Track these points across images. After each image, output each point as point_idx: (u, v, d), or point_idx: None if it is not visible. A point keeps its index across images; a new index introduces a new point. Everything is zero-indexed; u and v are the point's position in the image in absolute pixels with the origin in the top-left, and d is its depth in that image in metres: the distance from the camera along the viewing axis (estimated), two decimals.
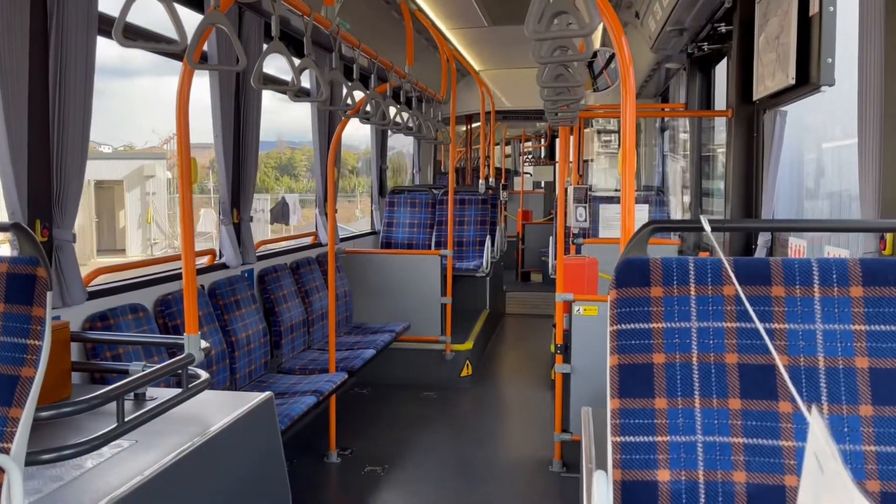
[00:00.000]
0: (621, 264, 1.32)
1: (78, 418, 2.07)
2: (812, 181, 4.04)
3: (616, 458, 1.23)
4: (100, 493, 1.65)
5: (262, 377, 4.08)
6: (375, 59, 4.03)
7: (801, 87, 3.18)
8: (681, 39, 5.27)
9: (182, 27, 1.73)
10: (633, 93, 2.05)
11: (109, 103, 15.67)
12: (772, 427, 1.22)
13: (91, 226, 22.69)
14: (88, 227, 22.75)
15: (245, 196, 4.15)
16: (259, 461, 2.39)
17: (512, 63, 8.62)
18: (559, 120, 3.86)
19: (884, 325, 1.23)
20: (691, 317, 1.28)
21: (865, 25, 2.28)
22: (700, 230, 1.36)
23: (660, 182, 8.34)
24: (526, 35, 1.54)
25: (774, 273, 1.28)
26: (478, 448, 4.46)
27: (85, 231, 22.94)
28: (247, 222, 4.17)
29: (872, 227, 2.13)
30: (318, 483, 3.95)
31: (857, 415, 1.21)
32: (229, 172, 4.00)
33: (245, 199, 4.16)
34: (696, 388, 1.25)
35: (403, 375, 5.75)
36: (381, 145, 7.18)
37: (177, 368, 2.12)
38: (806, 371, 1.24)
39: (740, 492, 1.20)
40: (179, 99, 2.17)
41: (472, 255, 7.11)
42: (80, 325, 2.88)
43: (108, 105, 35.74)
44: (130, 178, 23.96)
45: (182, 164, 2.17)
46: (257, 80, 2.45)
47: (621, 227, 2.01)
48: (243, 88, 3.99)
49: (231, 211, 4.07)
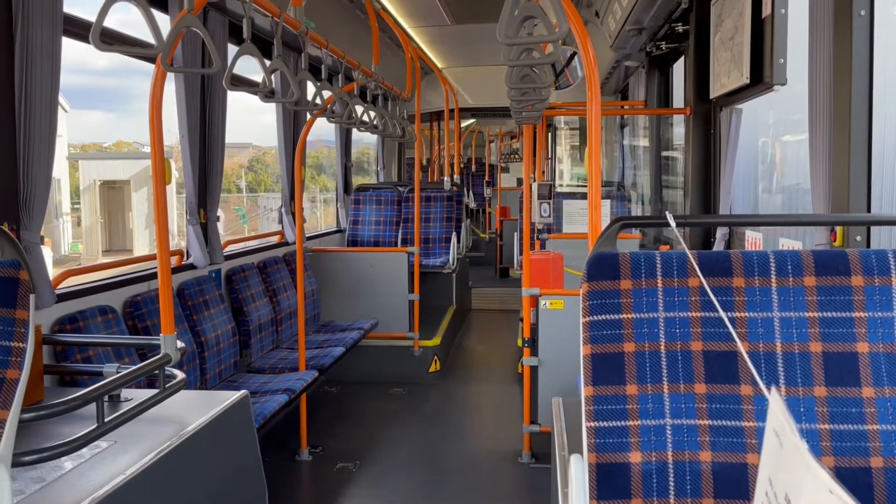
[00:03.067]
0: (592, 259, 1.39)
1: (52, 421, 2.07)
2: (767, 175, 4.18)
3: (591, 442, 1.30)
4: (82, 493, 1.66)
5: (233, 377, 4.08)
6: (343, 58, 4.05)
7: (755, 87, 3.31)
8: (640, 38, 5.40)
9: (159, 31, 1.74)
10: (598, 92, 2.13)
11: (141, 106, 15.81)
12: (734, 409, 1.31)
13: (97, 226, 22.27)
14: (95, 227, 22.35)
15: (212, 196, 4.14)
16: (236, 459, 2.41)
17: (475, 61, 8.70)
18: (524, 118, 3.94)
19: (835, 311, 1.32)
20: (658, 307, 1.35)
21: (815, 27, 2.40)
22: (666, 226, 1.44)
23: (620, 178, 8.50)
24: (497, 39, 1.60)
25: (735, 265, 1.37)
26: (447, 442, 4.52)
27: (93, 231, 22.52)
28: (213, 222, 4.16)
29: (823, 220, 2.24)
30: (289, 481, 3.97)
31: (812, 396, 1.30)
32: (196, 173, 3.99)
33: (212, 199, 4.15)
34: (664, 375, 1.32)
35: (372, 372, 5.79)
36: (345, 143, 7.18)
37: (154, 369, 2.13)
38: (765, 356, 1.33)
39: (706, 470, 1.28)
40: (152, 101, 2.18)
41: (438, 251, 7.17)
42: (50, 328, 2.86)
43: (140, 108, 34.87)
44: (138, 178, 23.42)
45: (155, 164, 2.18)
46: (228, 82, 2.46)
47: (588, 222, 2.09)
48: (209, 89, 3.98)
49: (198, 211, 4.05)
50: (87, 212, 22.88)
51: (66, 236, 22.65)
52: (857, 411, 1.28)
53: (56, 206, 23.15)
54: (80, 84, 25.99)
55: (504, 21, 1.57)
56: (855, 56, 2.21)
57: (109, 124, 13.67)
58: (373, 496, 3.78)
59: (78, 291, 3.08)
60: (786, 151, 3.99)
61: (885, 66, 2.43)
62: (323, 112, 3.98)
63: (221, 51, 3.99)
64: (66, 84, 2.61)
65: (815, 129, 2.39)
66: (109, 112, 13.31)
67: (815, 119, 2.38)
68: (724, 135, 3.87)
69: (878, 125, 2.29)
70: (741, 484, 1.27)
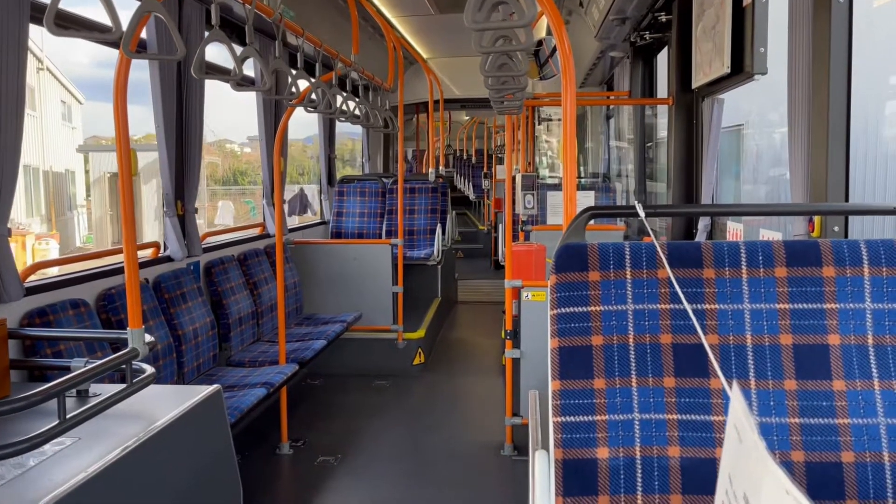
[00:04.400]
0: (560, 250, 1.36)
1: (16, 417, 2.02)
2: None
3: (557, 437, 1.27)
4: (43, 490, 1.62)
5: (211, 371, 4.03)
6: (320, 47, 3.99)
7: (736, 76, 3.28)
8: (623, 28, 5.36)
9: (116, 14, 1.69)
10: (574, 82, 2.09)
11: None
12: (703, 403, 1.28)
13: (107, 218, 22.18)
14: (105, 219, 22.28)
15: (189, 187, 4.08)
16: (208, 455, 2.37)
17: (460, 51, 8.63)
18: (505, 109, 3.90)
19: (805, 303, 1.30)
20: (627, 300, 1.32)
21: (794, 15, 2.37)
22: (635, 216, 1.41)
23: (605, 169, 8.49)
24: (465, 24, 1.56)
25: (705, 256, 1.34)
26: (430, 435, 4.50)
27: (103, 223, 22.45)
28: (191, 213, 4.10)
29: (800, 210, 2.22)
30: (270, 475, 3.93)
31: (782, 389, 1.27)
32: (172, 164, 3.93)
33: (189, 191, 4.08)
34: (632, 368, 1.30)
35: (355, 365, 5.76)
36: (328, 134, 7.12)
37: (120, 363, 2.09)
38: (735, 349, 1.30)
39: (675, 465, 1.26)
40: (116, 90, 2.12)
41: (422, 243, 7.13)
42: (18, 322, 2.80)
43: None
44: (147, 171, 23.41)
45: (121, 156, 2.12)
46: (198, 70, 2.41)
47: (563, 213, 2.05)
48: (185, 78, 3.91)
49: (175, 203, 3.99)
50: (97, 204, 22.84)
51: (80, 228, 22.57)
52: (827, 405, 1.26)
53: (70, 198, 23.08)
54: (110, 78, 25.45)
55: (471, 5, 1.53)
56: (833, 44, 2.19)
57: (145, 117, 13.83)
58: (353, 489, 3.75)
59: (49, 284, 3.02)
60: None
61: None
62: (301, 102, 3.92)
63: (197, 38, 3.92)
64: (98, 77, 2.57)
65: (794, 118, 2.36)
66: (144, 105, 13.55)
67: (794, 108, 2.36)
68: (705, 125, 3.84)
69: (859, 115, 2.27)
70: (710, 479, 1.25)
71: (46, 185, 21.48)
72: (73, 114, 24.56)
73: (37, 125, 21.32)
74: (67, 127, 24.02)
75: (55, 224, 20.96)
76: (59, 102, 23.50)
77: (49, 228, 20.38)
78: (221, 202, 21.42)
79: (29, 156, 20.54)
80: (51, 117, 22.52)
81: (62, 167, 22.91)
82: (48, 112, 22.26)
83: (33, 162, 20.87)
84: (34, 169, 20.84)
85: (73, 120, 24.43)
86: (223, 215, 19.41)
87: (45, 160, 21.67)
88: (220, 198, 22.93)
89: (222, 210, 19.94)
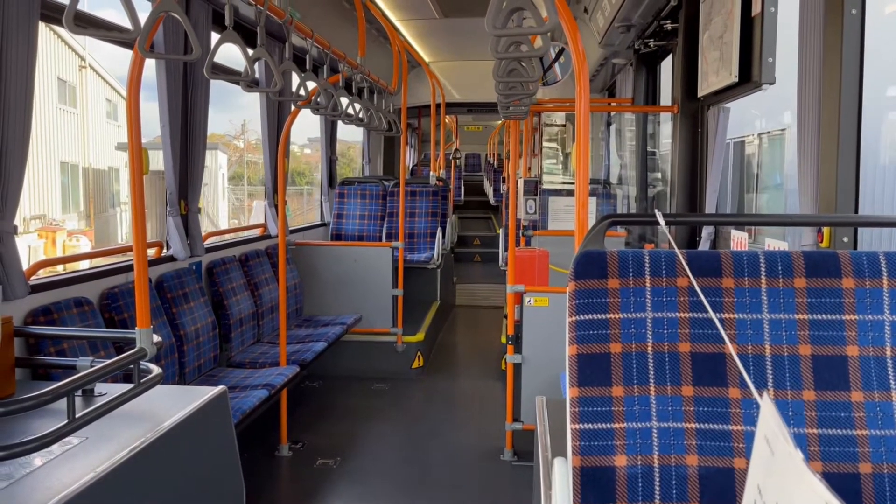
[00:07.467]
0: (579, 257, 1.35)
1: (24, 417, 2.01)
2: None
3: (575, 444, 1.27)
4: (52, 490, 1.61)
5: (212, 371, 4.02)
6: (328, 49, 3.99)
7: (743, 85, 3.29)
8: (628, 35, 5.38)
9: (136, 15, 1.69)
10: (587, 88, 2.10)
11: (241, 101, 16.31)
12: (722, 412, 1.28)
13: (148, 214, 22.27)
14: (146, 216, 22.42)
15: (193, 187, 4.07)
16: (213, 456, 2.36)
17: (462, 56, 8.65)
18: (511, 114, 3.90)
19: (824, 314, 1.30)
20: (646, 307, 1.32)
21: (805, 26, 2.38)
22: (655, 224, 1.41)
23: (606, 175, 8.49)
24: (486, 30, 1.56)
25: (725, 265, 1.34)
26: (429, 439, 4.49)
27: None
28: (195, 213, 4.09)
29: (811, 220, 2.22)
30: (269, 477, 3.92)
31: (800, 399, 1.28)
32: (176, 163, 3.92)
33: (193, 190, 4.08)
34: (651, 377, 1.29)
35: (355, 368, 5.75)
36: (330, 136, 7.11)
37: (129, 363, 2.08)
38: (753, 359, 1.30)
39: (692, 475, 1.26)
40: (129, 89, 2.12)
41: (423, 247, 7.13)
42: (22, 320, 2.79)
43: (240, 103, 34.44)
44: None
45: (133, 155, 2.12)
46: (209, 70, 2.41)
47: (576, 219, 2.05)
48: (191, 78, 3.90)
49: (178, 202, 3.98)
50: (127, 203, 22.94)
51: (122, 225, 22.56)
52: (846, 416, 1.26)
53: (113, 196, 23.06)
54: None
55: (492, 11, 1.53)
56: (845, 55, 2.19)
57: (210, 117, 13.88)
58: (352, 492, 3.74)
59: (53, 283, 3.01)
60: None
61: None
62: (307, 103, 3.92)
63: (204, 39, 3.92)
64: (147, 77, 2.52)
65: (804, 129, 2.37)
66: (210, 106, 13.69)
67: (804, 118, 2.37)
68: (710, 133, 3.85)
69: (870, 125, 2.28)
70: (727, 489, 1.25)
71: (86, 182, 21.42)
72: (119, 112, 24.51)
73: (78, 123, 21.24)
74: (113, 125, 23.95)
75: (93, 221, 20.89)
76: (105, 101, 23.43)
77: (87, 225, 20.33)
78: (255, 202, 21.29)
79: (69, 153, 20.49)
80: (95, 115, 22.44)
81: (105, 165, 22.85)
82: (92, 110, 22.18)
83: (72, 159, 20.76)
84: (72, 166, 20.72)
85: (119, 118, 24.38)
86: (257, 216, 19.78)
87: (86, 157, 21.60)
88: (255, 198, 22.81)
89: (256, 210, 20.09)
